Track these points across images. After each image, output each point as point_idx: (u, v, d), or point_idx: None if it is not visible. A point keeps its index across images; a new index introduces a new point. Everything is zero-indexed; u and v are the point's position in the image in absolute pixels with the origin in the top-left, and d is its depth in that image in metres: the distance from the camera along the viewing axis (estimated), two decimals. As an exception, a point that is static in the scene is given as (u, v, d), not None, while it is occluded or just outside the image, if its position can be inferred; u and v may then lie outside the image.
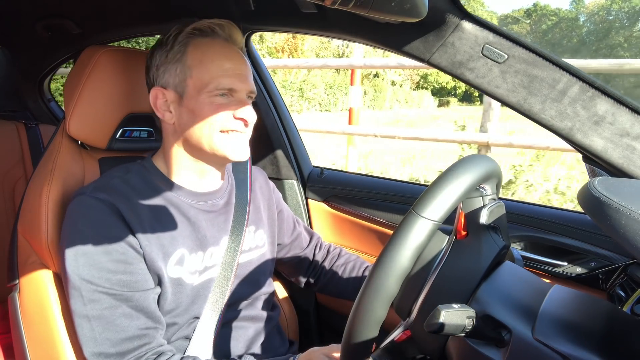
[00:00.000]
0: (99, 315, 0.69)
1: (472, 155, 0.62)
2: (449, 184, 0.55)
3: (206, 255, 0.82)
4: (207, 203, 0.84)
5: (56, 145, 0.86)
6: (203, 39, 0.77)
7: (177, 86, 0.77)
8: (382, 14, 0.65)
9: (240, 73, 0.78)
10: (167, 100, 0.78)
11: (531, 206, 1.12)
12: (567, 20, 44.08)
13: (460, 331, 0.53)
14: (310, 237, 1.12)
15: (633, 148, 0.68)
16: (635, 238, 0.44)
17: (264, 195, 1.01)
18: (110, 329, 0.69)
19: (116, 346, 0.68)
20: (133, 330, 0.70)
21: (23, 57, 1.55)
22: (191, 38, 0.77)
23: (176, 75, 0.76)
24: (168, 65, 0.77)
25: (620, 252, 0.95)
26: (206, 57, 0.76)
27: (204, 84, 0.75)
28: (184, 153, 0.80)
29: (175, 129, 0.79)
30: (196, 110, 0.76)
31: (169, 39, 0.77)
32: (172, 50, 0.76)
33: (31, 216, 0.81)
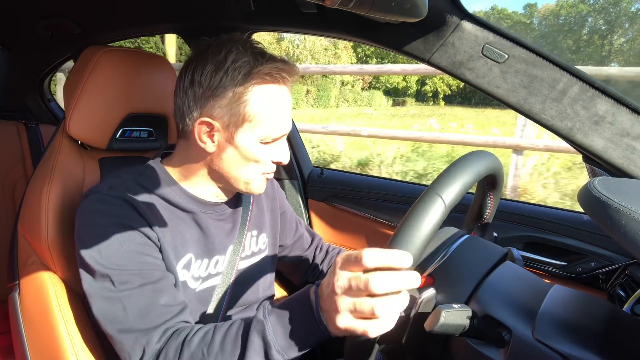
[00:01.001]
0: (129, 295, 0.68)
1: (480, 151, 0.63)
2: (464, 172, 0.57)
3: (211, 262, 0.82)
4: (216, 212, 0.84)
5: (56, 145, 0.86)
6: (271, 85, 0.72)
7: (231, 125, 0.72)
8: (383, 13, 0.65)
9: (290, 116, 0.77)
10: (213, 131, 0.74)
11: (531, 206, 1.12)
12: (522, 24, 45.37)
13: (461, 331, 0.53)
14: (312, 238, 1.11)
15: (633, 148, 0.68)
16: (635, 238, 0.44)
17: (267, 196, 1.00)
18: (140, 305, 0.68)
19: (145, 322, 0.67)
20: (161, 307, 0.69)
21: (23, 57, 1.55)
22: (260, 80, 0.71)
23: (234, 115, 0.72)
24: (229, 102, 0.71)
25: (621, 252, 0.95)
26: (270, 109, 0.73)
27: (261, 131, 0.73)
28: (206, 175, 0.79)
29: (212, 158, 0.77)
30: (244, 152, 0.74)
31: (235, 72, 0.70)
32: (238, 88, 0.70)
33: (31, 216, 0.81)
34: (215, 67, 0.71)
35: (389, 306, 0.50)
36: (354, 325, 0.52)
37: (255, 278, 0.92)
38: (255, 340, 0.60)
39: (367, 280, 0.50)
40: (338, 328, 0.53)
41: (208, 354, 0.62)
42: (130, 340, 0.67)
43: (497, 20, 45.87)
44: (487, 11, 50.75)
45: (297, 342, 0.59)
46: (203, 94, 0.72)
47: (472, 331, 0.53)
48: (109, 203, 0.71)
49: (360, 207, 1.32)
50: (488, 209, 0.79)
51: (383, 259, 0.50)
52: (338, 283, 0.53)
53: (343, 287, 0.52)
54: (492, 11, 49.63)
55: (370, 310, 0.50)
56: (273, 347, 0.59)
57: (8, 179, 1.46)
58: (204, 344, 0.64)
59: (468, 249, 0.69)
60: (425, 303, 0.59)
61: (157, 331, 0.67)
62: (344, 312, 0.52)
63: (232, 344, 0.62)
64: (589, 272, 0.98)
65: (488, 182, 0.75)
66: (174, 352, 0.65)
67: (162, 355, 0.65)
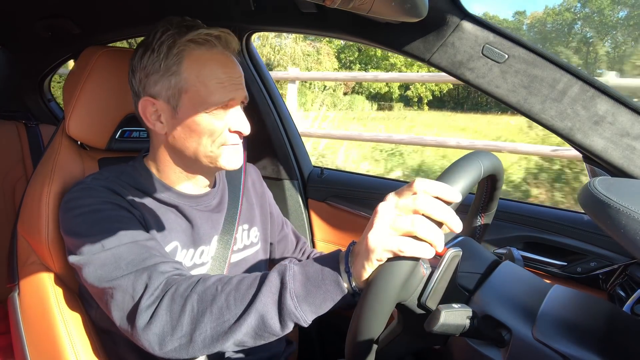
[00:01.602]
0: (119, 249, 0.66)
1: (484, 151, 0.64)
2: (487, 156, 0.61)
3: (197, 252, 0.82)
4: (201, 204, 0.84)
5: (56, 145, 0.86)
6: (199, 49, 0.73)
7: (171, 99, 0.74)
8: (383, 13, 0.65)
9: (237, 82, 0.76)
10: (158, 111, 0.75)
11: (531, 206, 1.12)
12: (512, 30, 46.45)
13: (461, 331, 0.53)
14: (297, 240, 1.11)
15: (633, 148, 0.68)
16: (635, 238, 0.44)
17: (257, 192, 1.01)
18: (133, 256, 0.66)
19: (142, 264, 0.65)
20: (155, 256, 0.67)
21: (23, 57, 1.55)
22: (187, 49, 0.72)
23: (170, 88, 0.73)
24: (161, 76, 0.73)
25: (621, 252, 0.95)
26: (203, 72, 0.72)
27: (201, 99, 0.73)
28: (176, 160, 0.80)
29: (167, 139, 0.77)
30: (192, 125, 0.74)
31: (161, 46, 0.72)
32: (165, 61, 0.72)
33: (31, 216, 0.81)
34: (144, 49, 0.74)
35: (429, 227, 0.48)
36: (388, 239, 0.49)
37: (249, 271, 0.92)
38: (273, 279, 0.58)
39: (415, 197, 0.49)
40: (368, 247, 0.50)
41: (222, 290, 0.60)
42: (129, 282, 0.64)
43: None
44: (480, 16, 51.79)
45: (314, 293, 0.55)
46: (141, 77, 0.75)
47: (472, 331, 0.53)
48: (92, 189, 0.72)
49: (360, 207, 1.31)
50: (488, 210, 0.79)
51: (434, 187, 0.50)
52: (382, 205, 0.52)
53: (387, 206, 0.51)
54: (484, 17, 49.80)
55: (411, 222, 0.48)
56: (289, 290, 0.56)
57: (8, 179, 1.46)
58: (219, 282, 0.61)
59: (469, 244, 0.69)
60: (452, 259, 0.57)
61: (160, 266, 0.65)
62: (379, 226, 0.50)
63: (249, 283, 0.59)
64: (589, 272, 0.98)
65: (489, 182, 0.75)
66: (186, 286, 0.62)
67: (173, 288, 0.62)
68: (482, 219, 0.80)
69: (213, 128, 0.74)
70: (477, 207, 0.79)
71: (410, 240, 0.49)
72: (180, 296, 0.61)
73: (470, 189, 0.53)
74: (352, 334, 0.54)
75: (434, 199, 0.49)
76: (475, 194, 0.80)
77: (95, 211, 0.70)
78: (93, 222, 0.69)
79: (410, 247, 0.48)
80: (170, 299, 0.61)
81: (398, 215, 0.50)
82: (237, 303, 0.58)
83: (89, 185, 0.73)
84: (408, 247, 0.48)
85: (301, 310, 0.56)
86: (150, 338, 0.61)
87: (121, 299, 0.64)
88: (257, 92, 1.30)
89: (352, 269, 0.54)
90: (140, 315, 0.61)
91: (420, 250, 0.48)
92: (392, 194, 0.53)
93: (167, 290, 0.62)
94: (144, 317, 0.61)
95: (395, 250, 0.49)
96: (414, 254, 0.48)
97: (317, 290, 0.55)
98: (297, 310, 0.56)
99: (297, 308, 0.56)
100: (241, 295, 0.58)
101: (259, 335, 0.58)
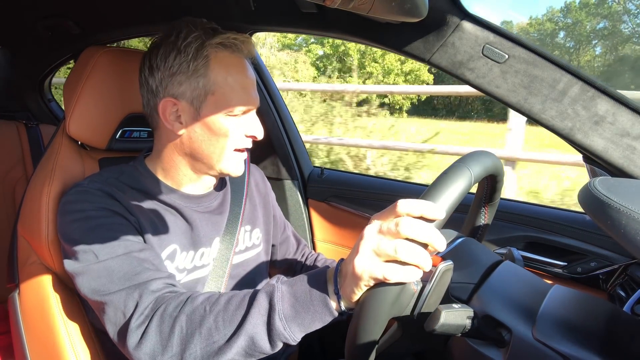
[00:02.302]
0: (112, 262, 0.66)
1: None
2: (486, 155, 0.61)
3: (197, 255, 0.81)
4: (202, 205, 0.84)
5: (56, 145, 0.86)
6: (224, 52, 0.74)
7: (195, 100, 0.74)
8: (383, 14, 0.65)
9: (255, 89, 0.78)
10: (179, 111, 0.75)
11: (531, 206, 1.12)
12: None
13: (461, 331, 0.53)
14: (298, 243, 1.11)
15: (633, 148, 0.68)
16: (635, 238, 0.44)
17: (260, 193, 1.01)
18: (125, 270, 0.66)
19: (134, 280, 0.65)
20: (148, 270, 0.68)
21: (23, 57, 1.55)
22: (214, 51, 0.73)
23: (196, 89, 0.73)
24: (188, 78, 0.73)
25: (621, 252, 0.95)
26: (230, 76, 0.74)
27: (226, 103, 0.74)
28: (184, 162, 0.80)
29: (182, 140, 0.77)
30: (213, 127, 0.74)
31: (188, 47, 0.72)
32: (194, 62, 0.72)
33: (31, 216, 0.81)
34: (168, 49, 0.73)
35: (413, 251, 0.48)
36: (372, 266, 0.49)
37: (251, 272, 0.92)
38: (261, 301, 0.58)
39: (398, 221, 0.49)
40: (355, 273, 0.50)
41: (210, 310, 0.60)
42: (121, 298, 0.64)
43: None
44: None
45: (302, 314, 0.56)
46: (163, 77, 0.74)
47: (473, 331, 0.53)
48: (88, 193, 0.72)
49: (360, 207, 1.32)
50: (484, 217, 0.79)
51: (417, 207, 0.49)
52: (367, 229, 0.51)
53: (371, 231, 0.51)
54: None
55: (393, 249, 0.48)
56: (277, 312, 0.56)
57: (8, 179, 1.46)
58: (208, 302, 0.61)
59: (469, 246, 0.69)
60: (443, 273, 0.57)
61: (152, 284, 0.65)
62: (364, 253, 0.50)
63: (237, 304, 0.59)
64: (589, 272, 0.98)
65: (488, 183, 0.75)
66: (175, 305, 0.62)
67: (162, 307, 0.62)
68: (486, 209, 0.79)
69: (232, 131, 0.75)
70: (479, 200, 0.78)
71: (394, 267, 0.49)
72: (169, 316, 0.61)
73: (457, 204, 0.52)
74: (351, 338, 0.54)
75: (416, 221, 0.48)
76: (476, 192, 0.80)
77: (90, 218, 0.70)
78: (88, 229, 0.69)
79: (395, 274, 0.48)
80: (160, 319, 0.61)
81: (382, 240, 0.50)
82: (226, 324, 0.59)
83: (85, 188, 0.73)
84: (393, 273, 0.49)
85: (290, 330, 0.56)
86: (141, 357, 0.62)
87: (113, 314, 0.65)
88: (258, 92, 1.30)
89: (340, 291, 0.54)
90: (131, 334, 0.62)
91: (405, 276, 0.49)
92: (376, 217, 0.53)
93: (156, 310, 0.62)
94: (135, 337, 0.62)
95: (381, 278, 0.49)
96: (399, 280, 0.49)
97: (305, 311, 0.56)
98: (286, 330, 0.56)
99: (286, 328, 0.56)
100: (230, 316, 0.59)
101: (250, 355, 0.59)
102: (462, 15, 0.74)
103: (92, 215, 0.70)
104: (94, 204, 0.71)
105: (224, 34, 0.74)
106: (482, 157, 0.60)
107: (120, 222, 0.71)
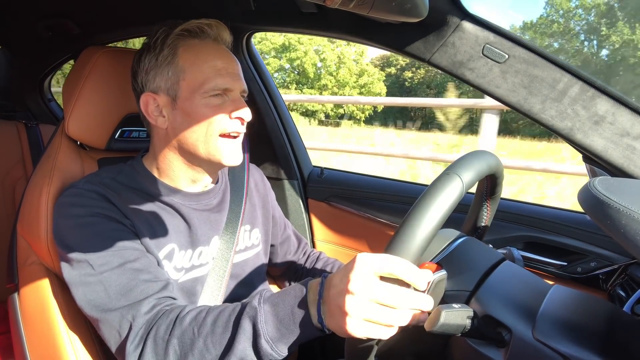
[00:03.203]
0: (109, 275, 0.67)
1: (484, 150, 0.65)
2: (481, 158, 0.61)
3: (195, 253, 0.81)
4: (200, 203, 0.84)
5: (55, 145, 0.86)
6: (193, 39, 0.76)
7: (170, 89, 0.75)
8: (383, 14, 0.65)
9: (233, 72, 0.77)
10: (159, 105, 0.76)
11: (531, 206, 1.12)
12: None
13: (461, 331, 0.53)
14: (299, 242, 1.11)
15: (633, 148, 0.68)
16: (635, 238, 0.44)
17: (259, 192, 1.00)
18: (121, 284, 0.67)
19: (129, 298, 0.66)
20: (143, 283, 0.68)
21: (23, 57, 1.55)
22: (181, 39, 0.75)
23: (168, 79, 0.75)
24: (159, 69, 0.75)
25: (621, 252, 0.95)
26: (199, 58, 0.74)
27: (198, 84, 0.74)
28: (176, 157, 0.80)
29: (168, 133, 0.78)
30: (192, 112, 0.74)
31: (156, 42, 0.75)
32: (162, 54, 0.75)
33: (30, 216, 0.81)
34: (145, 50, 0.77)
35: (407, 317, 0.51)
36: (367, 331, 0.51)
37: (251, 272, 0.92)
38: (245, 326, 0.59)
39: (396, 295, 0.50)
40: (346, 332, 0.52)
41: (199, 333, 0.61)
42: (116, 318, 0.66)
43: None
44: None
45: (287, 335, 0.57)
46: (142, 77, 0.77)
47: (473, 331, 0.53)
48: (83, 196, 0.73)
49: (360, 207, 1.32)
50: (487, 211, 0.79)
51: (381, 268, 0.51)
52: (356, 286, 0.51)
53: (360, 291, 0.51)
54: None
55: (389, 322, 0.51)
56: (262, 335, 0.57)
57: (8, 179, 1.46)
58: (195, 324, 0.62)
59: (468, 248, 0.69)
60: (437, 284, 0.58)
61: (143, 304, 0.66)
62: (355, 317, 0.51)
63: (223, 327, 0.61)
64: (589, 272, 0.98)
65: (488, 183, 0.75)
66: (165, 328, 0.63)
67: (154, 330, 0.64)
68: (489, 203, 0.79)
69: (212, 115, 0.74)
70: (481, 196, 0.78)
71: (374, 327, 0.51)
72: (162, 339, 0.63)
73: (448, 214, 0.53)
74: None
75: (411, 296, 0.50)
76: (476, 191, 0.80)
77: (85, 225, 0.70)
78: (83, 237, 0.69)
79: (375, 332, 0.51)
80: (153, 342, 0.63)
81: (375, 309, 0.51)
82: (216, 346, 0.60)
83: (80, 190, 0.73)
84: (373, 332, 0.51)
85: (278, 349, 0.58)
86: None
87: (108, 332, 0.67)
88: (257, 92, 1.30)
89: (325, 320, 0.55)
90: (129, 357, 0.64)
91: (384, 333, 0.51)
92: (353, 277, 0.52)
93: (148, 332, 0.64)
94: (133, 359, 0.64)
95: (363, 337, 0.51)
96: (380, 337, 0.51)
97: (290, 332, 0.57)
98: (274, 350, 0.58)
99: (274, 348, 0.58)
100: (218, 340, 0.60)
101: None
102: (462, 15, 0.74)
103: (87, 222, 0.70)
104: (89, 208, 0.71)
105: (189, 23, 0.76)
106: (474, 160, 0.60)
107: (116, 228, 0.72)
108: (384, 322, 0.51)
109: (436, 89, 28.05)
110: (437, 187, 0.54)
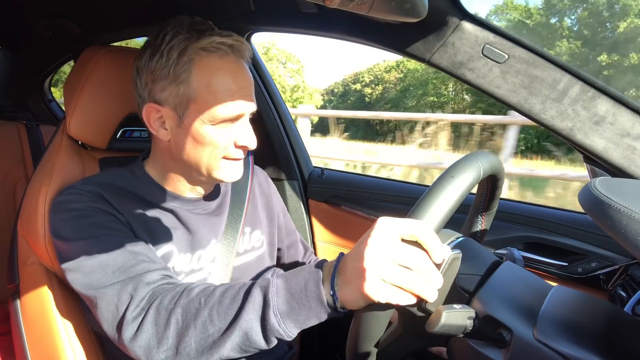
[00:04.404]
0: (106, 255, 0.65)
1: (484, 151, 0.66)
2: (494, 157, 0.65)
3: (194, 257, 0.80)
4: (199, 207, 0.83)
5: (56, 145, 0.86)
6: (210, 57, 0.70)
7: (177, 107, 0.71)
8: (382, 14, 0.65)
9: (247, 94, 0.73)
10: (163, 117, 0.73)
11: (531, 206, 1.12)
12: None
13: (462, 332, 0.53)
14: (305, 250, 1.09)
15: (634, 148, 0.68)
16: (636, 238, 0.44)
17: (263, 193, 0.99)
18: (119, 263, 0.65)
19: (129, 273, 0.64)
20: (142, 262, 0.67)
21: (23, 57, 1.55)
22: (197, 56, 0.69)
23: (177, 96, 0.70)
24: (169, 84, 0.70)
25: (621, 253, 0.95)
26: (214, 82, 0.69)
27: (209, 112, 0.70)
28: (177, 167, 0.78)
29: (170, 147, 0.76)
30: (197, 136, 0.71)
31: (171, 51, 0.69)
32: (175, 68, 0.69)
33: (30, 216, 0.81)
34: (153, 51, 0.71)
35: (424, 285, 0.49)
36: (385, 294, 0.49)
37: (254, 276, 0.90)
38: (256, 296, 0.57)
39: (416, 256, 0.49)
40: (364, 293, 0.50)
41: (205, 303, 0.59)
42: (115, 291, 0.63)
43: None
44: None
45: (297, 310, 0.55)
46: (147, 81, 0.72)
47: (473, 332, 0.53)
48: (80, 194, 0.72)
49: (360, 207, 1.31)
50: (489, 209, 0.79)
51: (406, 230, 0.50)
52: (376, 245, 0.50)
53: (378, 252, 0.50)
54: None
55: (408, 285, 0.49)
56: (272, 307, 0.55)
57: (9, 179, 1.46)
58: (203, 295, 0.61)
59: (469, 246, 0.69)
60: (452, 261, 0.56)
61: (146, 276, 0.64)
62: (374, 275, 0.49)
63: (231, 298, 0.59)
64: (590, 272, 0.98)
65: (489, 183, 0.75)
66: (170, 298, 0.61)
67: (158, 300, 0.62)
68: (484, 218, 0.79)
69: (218, 141, 0.72)
70: (477, 207, 0.79)
71: (399, 293, 0.50)
72: (165, 309, 0.61)
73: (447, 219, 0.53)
74: (352, 338, 0.54)
75: (402, 249, 0.50)
76: (476, 193, 0.80)
77: (82, 217, 0.69)
78: (80, 227, 0.69)
79: (393, 296, 0.50)
80: (156, 311, 0.61)
81: (391, 270, 0.50)
82: (221, 318, 0.58)
83: (77, 190, 0.73)
84: (391, 295, 0.50)
85: (285, 326, 0.56)
86: (137, 350, 0.61)
87: (106, 308, 0.64)
88: (258, 92, 1.30)
89: (338, 293, 0.54)
90: (127, 327, 0.61)
91: (401, 298, 0.50)
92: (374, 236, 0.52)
93: (152, 302, 0.62)
94: (131, 329, 0.61)
95: (380, 299, 0.50)
96: (397, 302, 0.50)
97: (300, 307, 0.55)
98: (281, 326, 0.56)
99: (281, 324, 0.56)
100: (224, 310, 0.58)
101: (244, 351, 0.59)
102: (462, 15, 0.73)
103: (84, 214, 0.70)
104: (85, 203, 0.71)
105: (210, 37, 0.69)
106: (488, 155, 0.63)
107: (113, 220, 0.71)
108: (404, 285, 0.49)
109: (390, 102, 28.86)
110: (461, 164, 0.56)
